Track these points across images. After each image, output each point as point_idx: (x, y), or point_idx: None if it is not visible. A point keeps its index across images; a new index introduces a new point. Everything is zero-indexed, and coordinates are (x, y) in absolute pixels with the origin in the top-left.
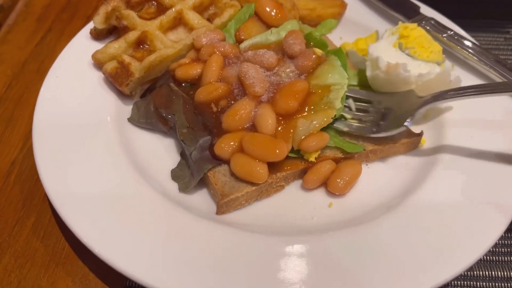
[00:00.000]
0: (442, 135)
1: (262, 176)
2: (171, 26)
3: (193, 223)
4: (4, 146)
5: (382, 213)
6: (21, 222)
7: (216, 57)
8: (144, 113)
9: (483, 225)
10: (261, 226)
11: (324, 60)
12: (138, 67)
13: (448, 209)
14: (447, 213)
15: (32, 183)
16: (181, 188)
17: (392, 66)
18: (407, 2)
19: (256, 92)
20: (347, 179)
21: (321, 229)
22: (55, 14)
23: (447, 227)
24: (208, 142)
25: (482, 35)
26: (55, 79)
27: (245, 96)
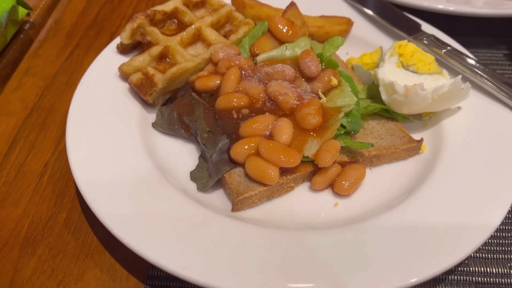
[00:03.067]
0: (441, 142)
1: (273, 178)
2: (190, 41)
3: (212, 218)
4: (38, 150)
5: (382, 212)
6: (54, 218)
7: (234, 70)
8: (167, 119)
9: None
10: (272, 222)
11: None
12: (161, 78)
13: (441, 210)
14: (440, 214)
15: (63, 183)
16: (199, 188)
17: (410, 89)
18: (409, 20)
19: (291, 106)
20: (352, 181)
21: (327, 225)
22: (82, 31)
23: (439, 226)
24: (227, 146)
25: (482, 51)
26: (85, 89)
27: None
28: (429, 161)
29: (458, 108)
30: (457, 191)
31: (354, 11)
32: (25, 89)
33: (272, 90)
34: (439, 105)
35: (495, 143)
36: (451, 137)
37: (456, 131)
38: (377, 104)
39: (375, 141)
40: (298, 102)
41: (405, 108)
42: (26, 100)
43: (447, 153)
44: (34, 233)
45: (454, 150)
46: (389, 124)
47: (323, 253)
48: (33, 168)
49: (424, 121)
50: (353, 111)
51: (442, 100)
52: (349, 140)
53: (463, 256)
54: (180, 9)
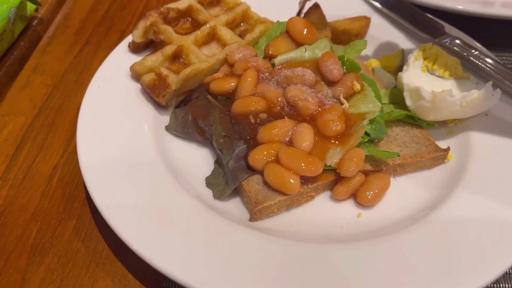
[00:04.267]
0: (468, 151)
1: (294, 188)
2: (205, 41)
3: (228, 228)
4: (47, 152)
5: (408, 225)
6: (63, 224)
7: (251, 72)
8: (181, 122)
9: (504, 245)
10: (292, 233)
11: (359, 92)
12: (175, 80)
13: (471, 225)
14: (470, 229)
15: (73, 187)
16: (215, 195)
17: (438, 95)
18: (431, 22)
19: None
20: (376, 191)
21: (350, 237)
22: (92, 27)
23: (469, 242)
24: (244, 152)
25: (505, 54)
26: (97, 89)
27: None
28: (455, 170)
29: (485, 115)
30: (486, 202)
31: (373, 12)
32: (33, 88)
33: (292, 95)
34: (467, 111)
35: None
36: (479, 146)
37: (483, 139)
38: (401, 110)
39: (400, 149)
40: (319, 108)
41: (431, 114)
42: (34, 99)
43: (475, 162)
44: (43, 240)
45: (483, 159)
46: (414, 131)
47: (345, 268)
48: (41, 170)
49: (449, 128)
50: (377, 118)
51: (471, 106)
52: (373, 149)
53: (495, 276)
54: (194, 7)
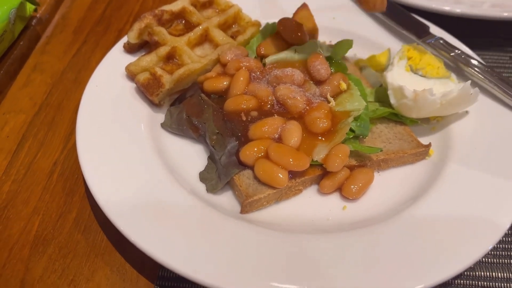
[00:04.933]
0: (448, 146)
1: (282, 182)
2: (198, 42)
3: (220, 220)
4: (47, 148)
5: (389, 216)
6: (64, 217)
7: (243, 71)
8: (176, 120)
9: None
10: (281, 225)
11: (346, 90)
12: (169, 79)
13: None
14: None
15: (73, 182)
16: (208, 189)
17: (419, 94)
18: (417, 22)
19: (300, 110)
20: (360, 185)
21: (335, 228)
22: (89, 27)
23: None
24: (235, 148)
25: (488, 53)
26: (95, 88)
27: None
28: (437, 165)
29: (466, 112)
30: (464, 196)
31: (361, 12)
32: (33, 86)
33: (281, 94)
34: (447, 109)
35: (503, 148)
36: (459, 142)
37: (463, 135)
38: (385, 108)
39: (383, 145)
40: (307, 107)
41: (413, 112)
42: (34, 97)
43: (454, 157)
44: (45, 232)
45: (462, 154)
46: (397, 128)
47: (330, 257)
48: (42, 166)
49: (432, 125)
50: (362, 115)
51: (451, 105)
52: (358, 145)
53: (471, 262)
54: (187, 9)
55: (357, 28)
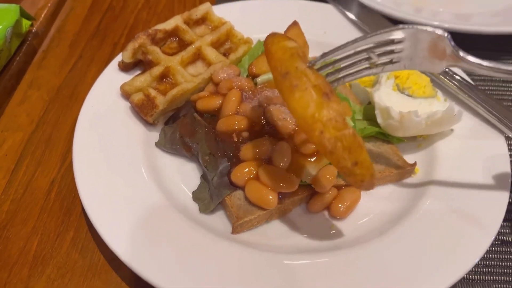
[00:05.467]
0: (433, 165)
1: (272, 203)
2: (191, 60)
3: (212, 242)
4: (45, 166)
5: (375, 236)
6: (61, 236)
7: (234, 91)
8: (170, 139)
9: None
10: (270, 245)
11: None
12: (162, 100)
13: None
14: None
15: (70, 200)
16: (201, 209)
17: (405, 115)
18: None
19: (289, 131)
20: (347, 204)
21: (322, 249)
22: (85, 40)
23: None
24: (227, 169)
25: None
26: (90, 108)
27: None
28: (423, 182)
29: (451, 130)
30: (446, 215)
31: (353, 26)
32: (30, 102)
33: (271, 115)
34: (432, 129)
35: (485, 167)
36: (443, 160)
37: (448, 153)
38: (373, 127)
39: None
40: (297, 128)
41: (400, 132)
42: (31, 114)
43: (438, 177)
44: (43, 252)
45: (446, 174)
46: (384, 147)
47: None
48: (40, 185)
49: (418, 142)
50: None
51: (436, 125)
52: None
53: (453, 281)
54: (180, 28)
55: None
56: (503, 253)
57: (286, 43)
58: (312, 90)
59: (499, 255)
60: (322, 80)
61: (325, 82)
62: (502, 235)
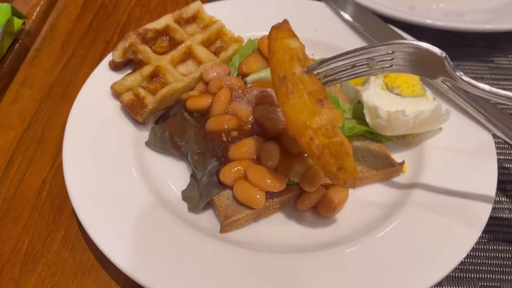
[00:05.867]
0: (422, 163)
1: (260, 203)
2: (181, 59)
3: (200, 241)
4: (36, 165)
5: (362, 234)
6: (52, 235)
7: (224, 91)
8: (160, 139)
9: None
10: (258, 244)
11: None
12: (152, 100)
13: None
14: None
15: (61, 199)
16: (190, 209)
17: (392, 115)
18: (397, 37)
19: (278, 130)
20: (335, 203)
21: (310, 247)
22: (77, 39)
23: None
24: (216, 168)
25: (467, 63)
26: (81, 108)
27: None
28: (411, 181)
29: (440, 129)
30: (433, 213)
31: (344, 24)
32: (22, 102)
33: (260, 115)
34: (420, 128)
35: (471, 166)
36: (431, 159)
37: (436, 152)
38: (362, 126)
39: (358, 163)
40: (285, 127)
41: (388, 131)
42: (23, 113)
43: (426, 175)
44: (34, 251)
45: (433, 173)
46: (373, 146)
47: (305, 275)
48: (31, 184)
49: (407, 140)
50: None
51: (423, 124)
52: None
53: (439, 278)
54: (171, 27)
55: (339, 41)
56: (489, 251)
57: (288, 42)
58: (307, 97)
59: (485, 253)
60: (318, 85)
61: (320, 88)
62: (488, 233)
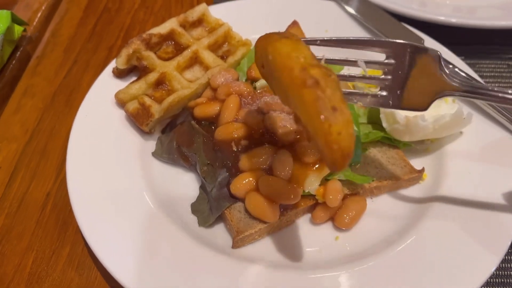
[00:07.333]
0: (442, 169)
1: (274, 216)
2: (187, 65)
3: (211, 258)
4: (40, 178)
5: (383, 248)
6: (57, 253)
7: (233, 97)
8: (167, 149)
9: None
10: (272, 260)
11: None
12: (158, 109)
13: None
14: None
15: (66, 214)
16: (200, 223)
17: (411, 120)
18: (411, 35)
19: (290, 138)
20: (353, 214)
21: (327, 262)
22: (80, 44)
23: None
24: (226, 180)
25: (485, 62)
26: (84, 118)
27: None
28: (431, 188)
29: (460, 133)
30: (456, 226)
31: (355, 24)
32: (24, 112)
33: (271, 123)
34: (440, 133)
35: (496, 172)
36: (452, 165)
37: (457, 157)
38: (378, 132)
39: (376, 171)
40: (298, 135)
41: (406, 136)
42: (26, 123)
43: (447, 183)
44: (39, 269)
45: (455, 180)
46: (391, 152)
47: None
48: (35, 198)
49: (426, 145)
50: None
51: (444, 128)
52: (350, 173)
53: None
54: (176, 31)
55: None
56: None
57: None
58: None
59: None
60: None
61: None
62: None
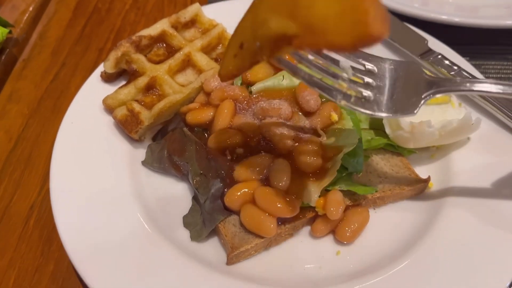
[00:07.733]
0: (449, 178)
1: (271, 231)
2: (179, 68)
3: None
4: (23, 189)
5: (386, 264)
6: (41, 270)
7: (227, 103)
8: (157, 158)
9: (489, 279)
10: (269, 278)
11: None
12: (148, 115)
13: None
14: (455, 262)
15: (50, 229)
16: (193, 237)
17: (416, 126)
18: (415, 36)
19: (287, 147)
20: (355, 227)
21: (328, 280)
22: (69, 47)
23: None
24: (220, 191)
25: (491, 63)
26: (70, 125)
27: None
28: (437, 198)
29: (468, 139)
30: (464, 239)
31: None
32: (9, 118)
33: (267, 130)
34: (447, 139)
35: (506, 181)
36: (459, 173)
37: (464, 165)
38: (381, 138)
39: (379, 180)
40: (296, 143)
41: (411, 143)
42: (10, 130)
43: (454, 192)
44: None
45: (463, 189)
46: (394, 160)
47: None
48: (18, 210)
49: (431, 152)
50: (355, 149)
51: (450, 135)
52: (351, 184)
53: None
54: (168, 32)
55: None
56: None
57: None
58: None
59: None
60: None
61: None
62: None
